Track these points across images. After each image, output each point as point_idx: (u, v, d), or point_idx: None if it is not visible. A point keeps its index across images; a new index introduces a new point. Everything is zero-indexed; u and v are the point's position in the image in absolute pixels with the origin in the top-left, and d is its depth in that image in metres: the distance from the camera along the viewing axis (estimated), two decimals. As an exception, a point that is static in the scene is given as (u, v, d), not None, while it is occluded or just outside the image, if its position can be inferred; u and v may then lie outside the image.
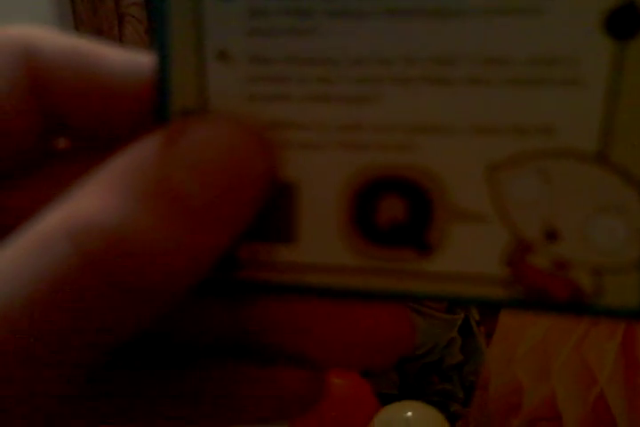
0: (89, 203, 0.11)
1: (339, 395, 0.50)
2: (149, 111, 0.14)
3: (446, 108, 0.12)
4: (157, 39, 0.13)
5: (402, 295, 0.13)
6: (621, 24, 0.11)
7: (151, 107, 0.14)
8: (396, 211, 0.13)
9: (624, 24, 0.11)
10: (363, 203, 0.13)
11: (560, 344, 0.39)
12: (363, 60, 0.12)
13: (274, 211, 0.13)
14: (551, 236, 0.12)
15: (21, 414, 0.11)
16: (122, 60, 0.14)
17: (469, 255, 0.13)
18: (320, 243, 0.13)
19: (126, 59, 0.14)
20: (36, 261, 0.11)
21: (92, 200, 0.11)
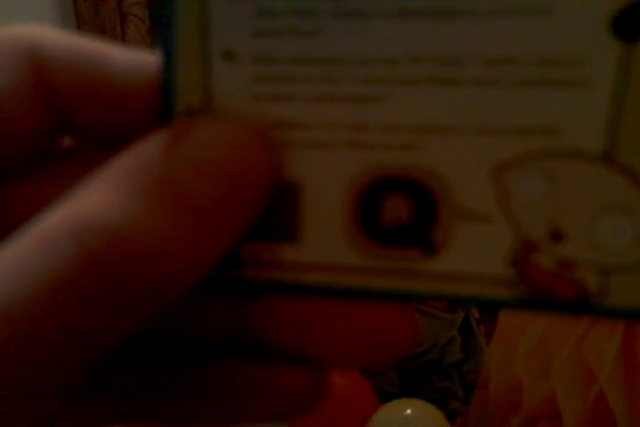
0: (93, 201, 0.11)
1: (338, 393, 0.50)
2: (154, 110, 0.14)
3: (452, 108, 0.12)
4: (163, 38, 0.13)
5: (406, 295, 0.13)
6: (628, 26, 0.11)
7: (156, 106, 0.13)
8: (401, 211, 0.13)
9: (631, 26, 0.11)
10: (367, 202, 0.13)
11: (560, 343, 0.39)
12: (369, 61, 0.12)
13: (278, 210, 0.13)
14: (556, 236, 0.12)
15: (21, 414, 0.11)
16: (126, 59, 0.14)
17: (474, 255, 0.13)
18: (324, 242, 0.13)
19: (131, 58, 0.14)
20: (38, 259, 0.11)
21: (95, 199, 0.11)
